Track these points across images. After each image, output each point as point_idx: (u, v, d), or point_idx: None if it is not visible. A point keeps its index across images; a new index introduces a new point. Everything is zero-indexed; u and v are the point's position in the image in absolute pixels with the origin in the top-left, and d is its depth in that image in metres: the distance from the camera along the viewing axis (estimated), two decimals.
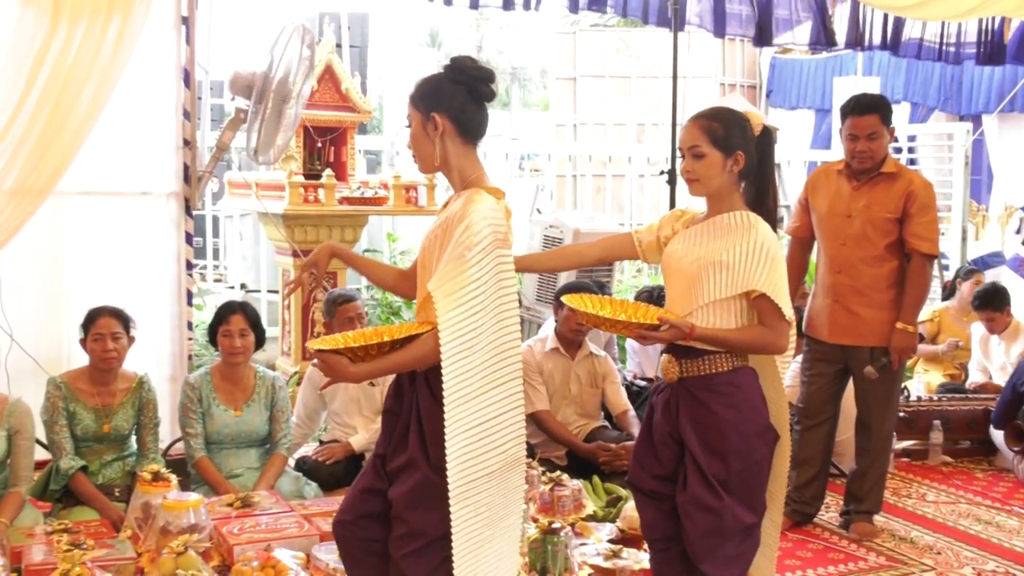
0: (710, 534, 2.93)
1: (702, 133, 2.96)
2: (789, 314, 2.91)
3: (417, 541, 2.67)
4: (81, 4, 4.81)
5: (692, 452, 2.94)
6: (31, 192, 4.82)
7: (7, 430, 4.07)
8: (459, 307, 2.57)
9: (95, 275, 5.13)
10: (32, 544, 3.76)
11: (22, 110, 4.76)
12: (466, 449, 2.58)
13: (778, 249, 2.93)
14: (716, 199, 3.01)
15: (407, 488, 2.68)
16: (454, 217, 2.67)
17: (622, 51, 12.19)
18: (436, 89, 2.75)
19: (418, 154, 2.81)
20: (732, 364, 2.95)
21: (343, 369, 2.63)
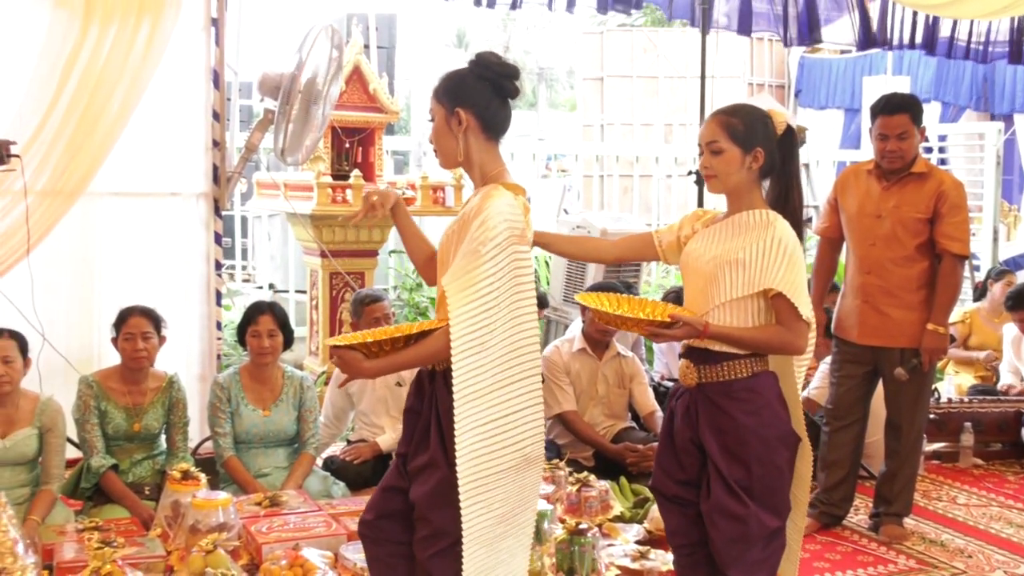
0: (736, 541, 2.90)
1: (721, 128, 2.92)
2: (807, 314, 2.85)
3: (442, 541, 2.66)
4: (112, 6, 4.86)
5: (713, 459, 2.90)
6: (63, 193, 4.87)
7: (39, 428, 4.11)
8: (471, 302, 2.55)
9: (126, 275, 5.17)
10: (63, 541, 3.79)
11: (54, 112, 4.81)
12: (476, 446, 2.56)
13: (797, 248, 2.87)
14: (735, 197, 2.97)
15: (428, 488, 2.67)
16: (471, 212, 2.66)
17: (649, 51, 12.16)
18: (461, 84, 2.75)
19: (440, 149, 2.80)
20: (751, 370, 2.90)
21: (358, 365, 2.65)
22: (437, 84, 2.79)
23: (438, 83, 2.79)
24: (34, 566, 3.50)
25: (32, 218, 4.66)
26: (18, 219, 4.71)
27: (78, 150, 4.87)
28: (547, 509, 4.07)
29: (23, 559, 3.45)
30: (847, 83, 12.25)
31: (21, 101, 4.83)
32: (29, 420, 4.10)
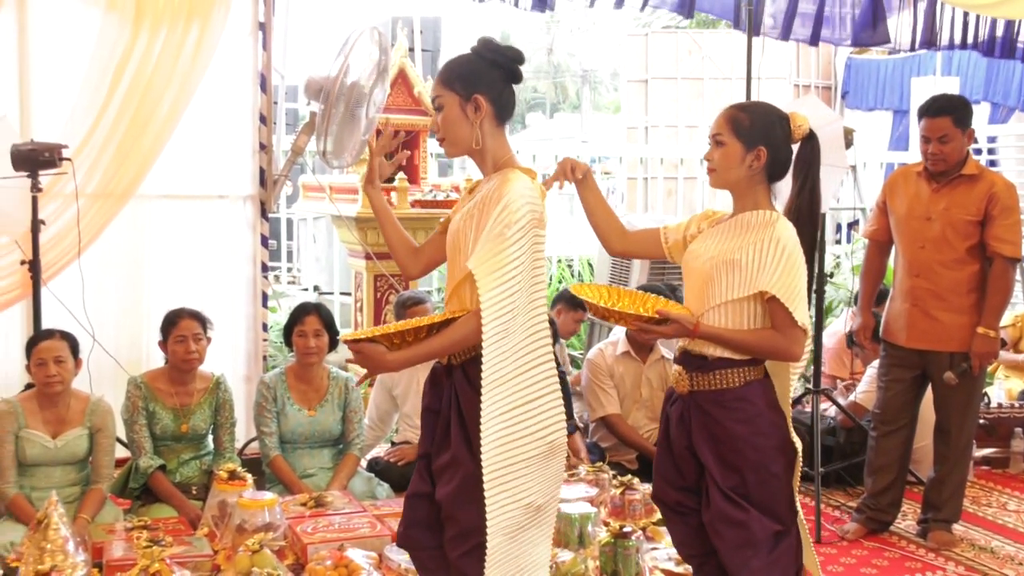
0: (741, 547, 2.83)
1: (727, 122, 2.86)
2: (802, 320, 2.76)
3: (471, 539, 2.62)
4: (162, 11, 4.92)
5: (709, 468, 2.84)
6: (113, 196, 4.94)
7: (89, 428, 4.17)
8: (499, 286, 2.52)
9: (174, 277, 5.23)
10: (112, 540, 3.85)
11: (104, 115, 4.88)
12: (502, 433, 2.54)
13: (796, 250, 2.77)
14: (739, 196, 2.89)
15: (453, 486, 2.64)
16: (490, 197, 2.63)
17: (695, 53, 12.09)
18: (476, 70, 2.71)
19: (453, 137, 2.73)
20: (744, 379, 2.83)
21: (380, 358, 2.58)
22: (446, 71, 2.73)
23: (447, 70, 2.73)
24: (84, 564, 3.56)
25: (83, 220, 4.73)
26: (69, 221, 4.79)
27: (128, 153, 4.94)
28: (591, 512, 4.07)
29: (74, 557, 3.51)
30: (895, 84, 12.10)
31: (73, 105, 4.91)
32: (80, 420, 4.15)
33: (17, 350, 4.81)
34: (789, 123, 2.88)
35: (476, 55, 2.73)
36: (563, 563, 3.73)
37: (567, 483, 4.50)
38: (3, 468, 4.02)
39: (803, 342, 2.82)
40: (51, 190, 4.76)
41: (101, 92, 4.92)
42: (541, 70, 33.68)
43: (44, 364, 4.06)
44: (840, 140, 4.60)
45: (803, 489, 5.18)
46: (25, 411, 4.08)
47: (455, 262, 2.71)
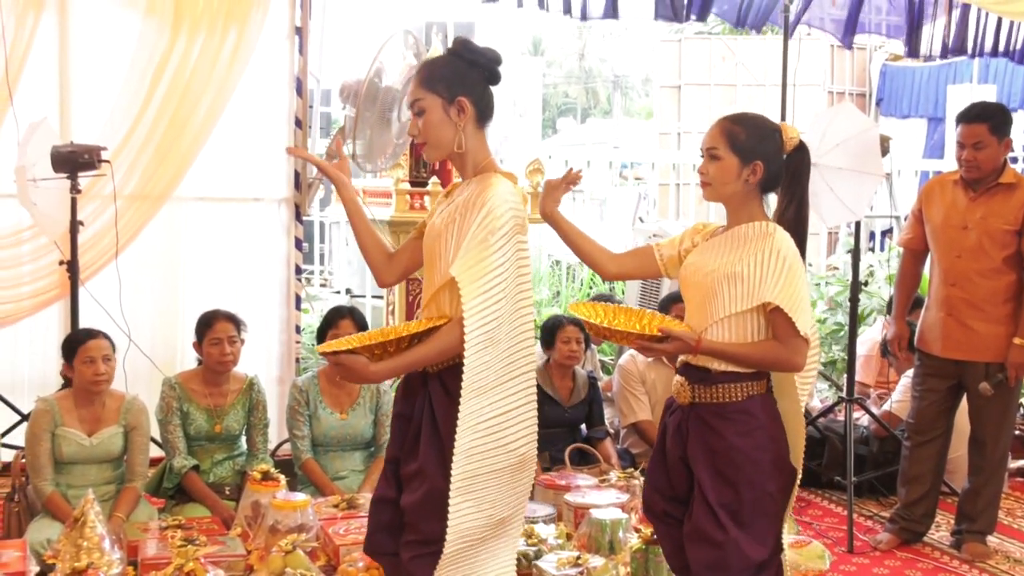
0: (712, 568, 2.78)
1: (722, 136, 2.82)
2: (805, 330, 2.73)
3: (427, 548, 2.59)
4: (200, 15, 4.98)
5: (700, 481, 2.80)
6: (150, 197, 5.01)
7: (124, 427, 4.21)
8: (483, 293, 2.48)
9: (209, 278, 5.29)
10: (147, 538, 3.88)
11: (143, 118, 4.95)
12: (475, 442, 2.50)
13: (797, 260, 2.75)
14: (733, 209, 2.87)
15: (418, 496, 2.60)
16: (472, 201, 2.58)
17: (728, 59, 12.06)
18: (459, 73, 2.67)
19: (436, 140, 2.67)
20: (746, 393, 2.79)
21: (362, 370, 2.53)
22: (426, 73, 2.67)
23: (428, 72, 2.67)
24: (119, 561, 3.59)
25: (121, 222, 4.80)
26: (107, 223, 4.85)
27: (165, 156, 5.01)
28: (622, 518, 4.06)
29: (109, 554, 3.55)
30: (931, 91, 12.00)
31: (112, 107, 4.98)
32: (115, 419, 4.20)
33: (55, 349, 4.87)
34: (782, 135, 2.85)
35: (456, 57, 2.69)
36: (594, 569, 3.72)
37: (598, 489, 4.51)
38: (40, 466, 4.07)
39: (805, 352, 2.78)
40: (89, 191, 4.82)
41: (140, 95, 4.98)
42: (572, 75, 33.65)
43: (94, 362, 4.10)
44: (876, 148, 4.58)
45: (835, 498, 5.18)
46: (61, 409, 4.12)
47: (434, 267, 2.66)
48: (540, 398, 5.02)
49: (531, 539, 3.96)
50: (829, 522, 4.90)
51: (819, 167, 4.64)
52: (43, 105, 4.92)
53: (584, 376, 5.25)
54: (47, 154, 4.42)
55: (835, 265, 9.38)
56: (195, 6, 5.01)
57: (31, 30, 4.90)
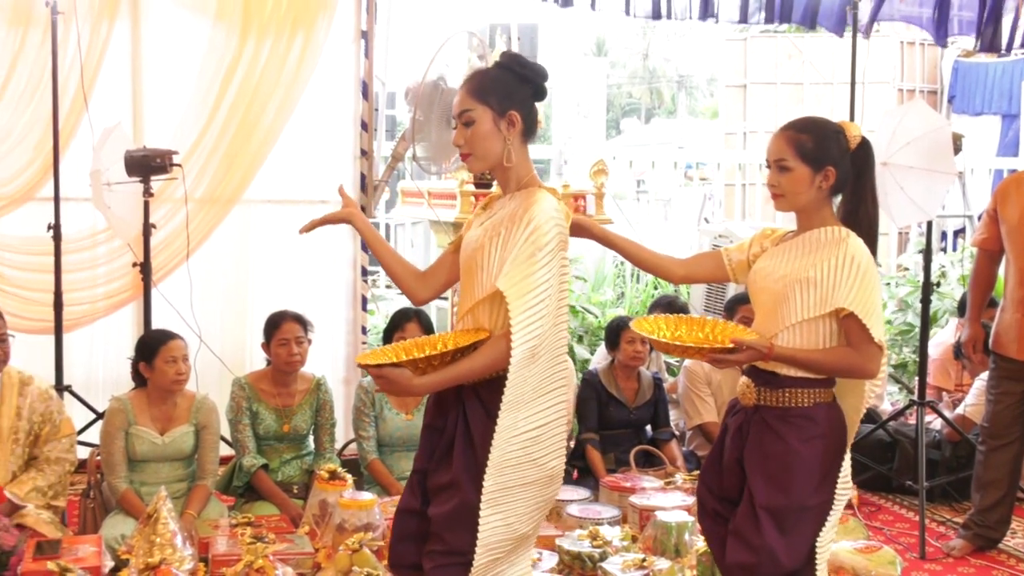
0: (745, 570, 2.76)
1: (789, 146, 2.78)
2: (879, 337, 2.69)
3: (451, 559, 2.57)
4: (268, 21, 5.05)
5: (751, 483, 2.77)
6: (220, 200, 5.09)
7: (195, 426, 4.28)
8: (529, 309, 2.47)
9: (277, 280, 5.36)
10: (218, 535, 3.94)
11: (213, 122, 5.03)
12: (509, 456, 2.50)
13: (871, 266, 2.71)
14: (805, 215, 2.83)
15: (448, 509, 2.58)
16: (516, 215, 2.57)
17: (794, 57, 11.92)
18: (510, 86, 2.65)
19: (483, 152, 2.64)
20: (813, 400, 2.76)
21: (406, 383, 2.51)
22: (477, 84, 2.66)
23: (479, 84, 2.66)
24: (191, 558, 3.66)
25: (191, 224, 4.87)
26: (179, 225, 4.94)
27: (234, 159, 5.08)
28: (688, 521, 4.03)
29: (181, 551, 3.62)
30: (1004, 88, 11.74)
31: (183, 112, 5.07)
32: (186, 418, 4.27)
33: (128, 350, 4.97)
34: (845, 135, 2.81)
35: (508, 70, 2.68)
36: (659, 571, 3.71)
37: (664, 491, 4.48)
38: (114, 463, 4.15)
39: (879, 359, 2.75)
40: (161, 195, 4.92)
41: (210, 100, 5.06)
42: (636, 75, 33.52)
43: (175, 361, 4.18)
44: (948, 146, 4.50)
45: (907, 503, 5.09)
46: (135, 408, 4.20)
47: (473, 280, 2.64)
48: (605, 399, 5.08)
49: (596, 541, 3.95)
50: (900, 527, 4.82)
51: (889, 166, 4.57)
52: (117, 110, 5.03)
53: (649, 377, 5.22)
54: (121, 158, 4.51)
55: (906, 265, 9.23)
56: (263, 11, 5.08)
57: (105, 38, 5.01)
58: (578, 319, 7.14)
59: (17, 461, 4.04)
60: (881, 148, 4.69)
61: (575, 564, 3.89)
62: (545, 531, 4.13)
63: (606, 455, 5.01)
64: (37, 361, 4.71)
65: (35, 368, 4.30)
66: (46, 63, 4.83)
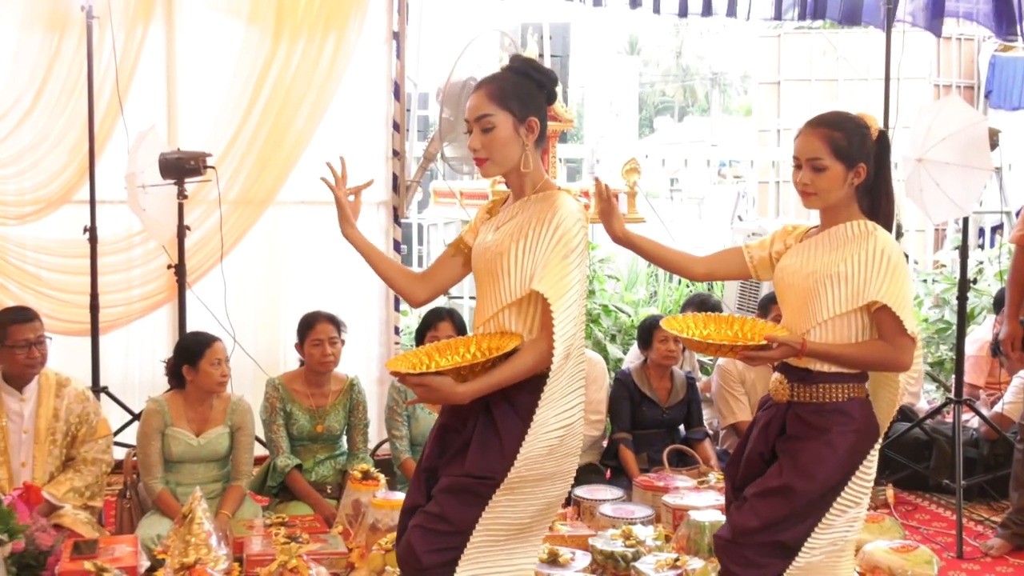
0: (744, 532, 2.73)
1: (824, 144, 2.74)
2: (912, 329, 2.67)
3: (439, 524, 2.56)
4: (300, 23, 5.08)
5: (781, 463, 2.75)
6: (253, 202, 5.12)
7: (230, 427, 4.31)
8: (567, 310, 2.50)
9: (310, 281, 5.38)
10: (252, 535, 3.96)
11: (246, 124, 5.07)
12: (538, 451, 2.52)
13: (901, 259, 2.69)
14: (832, 211, 2.80)
15: (453, 482, 2.58)
16: (539, 218, 2.57)
17: (829, 53, 11.83)
18: (529, 92, 2.65)
19: (502, 158, 2.64)
20: (847, 395, 2.74)
21: (449, 391, 2.50)
22: (497, 90, 2.63)
23: (499, 89, 2.63)
24: (226, 557, 3.69)
25: (225, 226, 4.91)
26: (213, 227, 4.98)
27: (268, 161, 5.12)
28: (721, 520, 4.00)
29: (216, 550, 3.64)
30: None
31: (216, 115, 5.10)
32: (221, 419, 4.30)
33: (164, 351, 5.02)
34: (869, 129, 2.79)
35: (525, 76, 2.68)
36: (693, 571, 3.69)
37: (697, 490, 4.46)
38: (150, 464, 4.19)
39: (912, 351, 2.73)
40: (195, 197, 4.95)
41: (243, 102, 5.10)
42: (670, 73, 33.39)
43: (220, 363, 4.22)
44: (984, 141, 4.45)
45: (944, 502, 5.04)
46: (171, 409, 4.24)
47: (496, 285, 2.62)
48: (638, 399, 5.06)
49: (629, 541, 3.94)
50: (937, 527, 4.77)
51: (925, 162, 4.53)
52: (151, 113, 5.08)
53: (682, 376, 5.20)
54: (155, 161, 4.55)
55: (942, 262, 9.14)
56: (295, 14, 5.11)
57: (140, 41, 5.06)
58: (611, 318, 7.12)
59: (55, 462, 4.09)
60: (917, 144, 4.64)
61: (608, 564, 3.88)
62: (578, 531, 4.13)
63: (639, 454, 5.00)
64: (74, 363, 4.77)
65: (72, 370, 4.35)
66: (82, 67, 4.89)
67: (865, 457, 2.76)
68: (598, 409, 5.06)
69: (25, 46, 4.97)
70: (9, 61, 4.98)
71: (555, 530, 4.08)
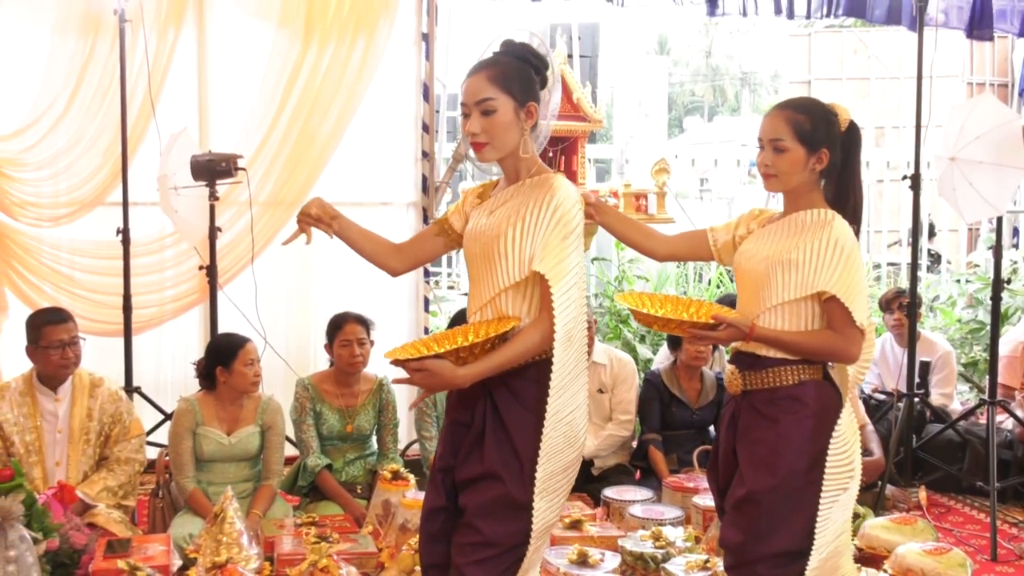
0: (732, 548, 2.74)
1: (787, 125, 2.73)
2: (861, 320, 2.65)
3: (487, 551, 2.51)
4: (330, 25, 5.10)
5: (742, 469, 2.74)
6: (283, 203, 5.15)
7: (261, 426, 4.33)
8: (567, 292, 2.47)
9: (340, 282, 5.40)
10: (283, 535, 3.98)
11: (276, 126, 5.10)
12: (557, 440, 2.49)
13: (855, 249, 2.67)
14: (794, 196, 2.79)
15: (484, 499, 2.52)
16: (538, 202, 2.54)
17: (860, 52, 11.76)
18: (529, 77, 2.63)
19: (501, 142, 2.60)
20: (798, 377, 2.71)
21: (450, 375, 2.46)
22: (499, 74, 2.59)
23: (501, 73, 2.60)
24: (257, 557, 3.70)
25: (256, 227, 4.93)
26: (244, 228, 5.01)
27: (298, 162, 5.14)
28: None
29: (247, 550, 3.66)
30: None
31: (247, 117, 5.14)
32: (252, 418, 4.32)
33: (196, 352, 5.05)
34: (838, 118, 2.77)
35: (523, 61, 2.65)
36: (723, 572, 3.67)
37: None
38: (182, 463, 4.22)
39: (860, 342, 2.70)
40: (226, 198, 4.99)
41: (273, 104, 5.13)
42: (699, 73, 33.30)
43: (252, 364, 4.25)
44: (1018, 140, 4.41)
45: (977, 504, 4.99)
46: (202, 409, 4.27)
47: (492, 269, 2.58)
48: (667, 400, 5.05)
49: (659, 542, 3.93)
50: (971, 529, 4.73)
51: (958, 161, 4.49)
52: (183, 115, 5.12)
53: (712, 377, 5.18)
54: (187, 163, 4.58)
55: (976, 262, 9.05)
56: (325, 16, 5.14)
57: (172, 45, 5.11)
58: None
59: (88, 461, 4.13)
60: (950, 143, 4.61)
61: (638, 565, 3.87)
62: (608, 531, 4.12)
63: (669, 455, 4.98)
64: (107, 363, 4.82)
65: (105, 370, 4.39)
66: (114, 71, 4.94)
67: (829, 439, 2.71)
68: (627, 410, 5.05)
69: (59, 50, 5.03)
70: (43, 65, 5.05)
71: (584, 531, 4.08)
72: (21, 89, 5.08)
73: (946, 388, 5.69)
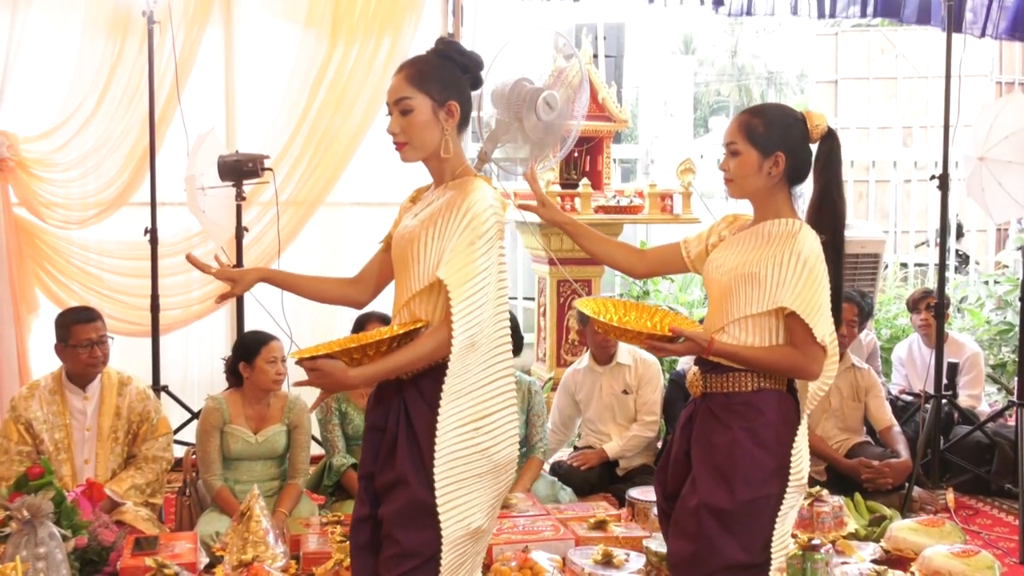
0: (683, 560, 2.68)
1: (740, 129, 2.71)
2: (822, 337, 2.61)
3: (409, 562, 2.46)
4: (356, 26, 5.12)
5: (694, 475, 2.70)
6: (307, 202, 5.17)
7: (287, 425, 4.35)
8: (470, 297, 2.41)
9: None
10: (308, 533, 4.00)
11: (302, 126, 5.12)
12: (455, 447, 2.42)
13: (819, 264, 2.63)
14: (760, 203, 2.76)
15: (397, 506, 2.48)
16: (453, 205, 2.50)
17: (887, 51, 11.68)
18: (450, 75, 2.59)
19: (420, 142, 2.57)
20: (756, 385, 2.68)
21: (341, 376, 2.42)
22: (416, 72, 2.57)
23: (418, 72, 2.57)
24: (283, 555, 3.72)
25: (281, 226, 4.96)
26: (269, 227, 5.04)
27: (323, 162, 5.17)
28: None
29: (274, 548, 3.69)
30: None
31: (273, 117, 5.16)
32: (279, 417, 4.34)
33: (222, 351, 5.08)
34: (806, 124, 2.74)
35: (447, 59, 2.62)
36: None
37: None
38: (210, 461, 4.25)
39: (822, 360, 2.66)
40: (252, 198, 5.02)
41: (299, 104, 5.16)
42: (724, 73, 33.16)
43: (275, 362, 4.28)
44: None
45: (1006, 506, 4.95)
46: (230, 408, 4.29)
47: (407, 272, 2.56)
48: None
49: None
50: (999, 531, 4.69)
51: (987, 161, 4.46)
52: (210, 116, 5.15)
53: None
54: (214, 163, 4.61)
55: (1004, 263, 8.98)
56: (351, 16, 5.16)
57: (199, 45, 5.14)
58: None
59: (116, 459, 4.17)
60: (979, 142, 4.57)
61: (662, 565, 3.86)
62: (632, 532, 4.12)
63: None
64: (135, 362, 4.85)
65: (133, 369, 4.43)
66: (142, 71, 4.98)
67: (789, 451, 2.68)
68: (653, 411, 5.04)
69: (87, 51, 5.08)
70: (72, 66, 5.09)
71: (609, 531, 4.08)
72: (50, 90, 5.13)
73: (974, 390, 5.65)
